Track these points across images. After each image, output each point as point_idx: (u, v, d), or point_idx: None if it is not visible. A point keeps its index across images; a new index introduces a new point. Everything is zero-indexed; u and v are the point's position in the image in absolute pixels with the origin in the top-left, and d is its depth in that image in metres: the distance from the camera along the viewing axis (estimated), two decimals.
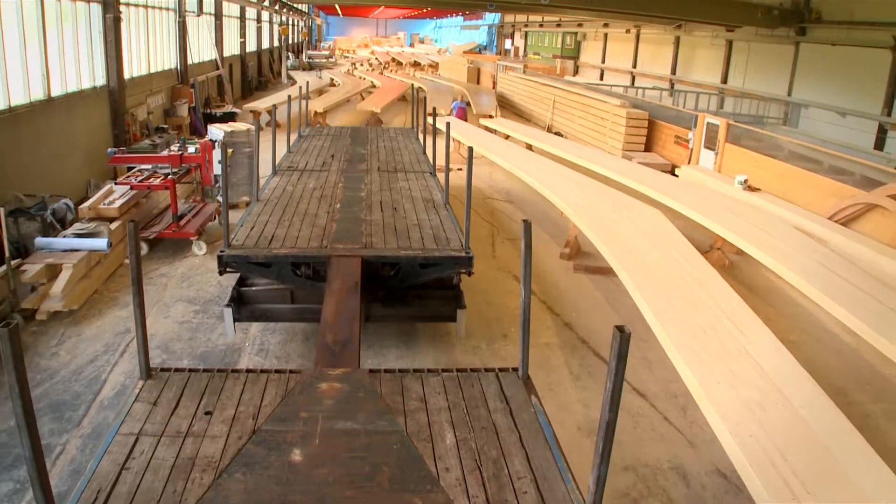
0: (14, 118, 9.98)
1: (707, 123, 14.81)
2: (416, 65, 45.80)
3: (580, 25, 36.28)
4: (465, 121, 19.55)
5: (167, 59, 19.24)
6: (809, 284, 7.53)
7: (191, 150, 10.59)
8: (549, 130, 21.45)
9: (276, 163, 10.03)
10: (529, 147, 16.45)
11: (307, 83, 21.69)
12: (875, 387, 7.16)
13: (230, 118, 19.68)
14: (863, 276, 7.85)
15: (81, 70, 12.81)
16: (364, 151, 11.38)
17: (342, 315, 5.30)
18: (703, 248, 9.92)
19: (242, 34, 30.80)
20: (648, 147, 17.59)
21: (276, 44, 40.99)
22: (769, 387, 5.20)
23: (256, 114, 20.58)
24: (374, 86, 30.40)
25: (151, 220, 10.36)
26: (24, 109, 10.38)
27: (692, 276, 7.37)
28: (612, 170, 12.81)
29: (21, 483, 5.11)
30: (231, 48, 28.32)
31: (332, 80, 31.95)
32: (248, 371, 4.40)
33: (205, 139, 12.14)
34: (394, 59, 49.97)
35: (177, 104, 18.99)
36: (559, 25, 39.13)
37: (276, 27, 40.86)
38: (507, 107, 26.70)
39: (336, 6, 64.88)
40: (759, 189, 12.33)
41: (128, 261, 9.37)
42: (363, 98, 26.59)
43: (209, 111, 21.00)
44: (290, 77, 34.51)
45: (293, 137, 12.04)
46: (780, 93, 21.20)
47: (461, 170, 7.32)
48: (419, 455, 3.53)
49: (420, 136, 12.64)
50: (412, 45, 72.31)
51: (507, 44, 52.27)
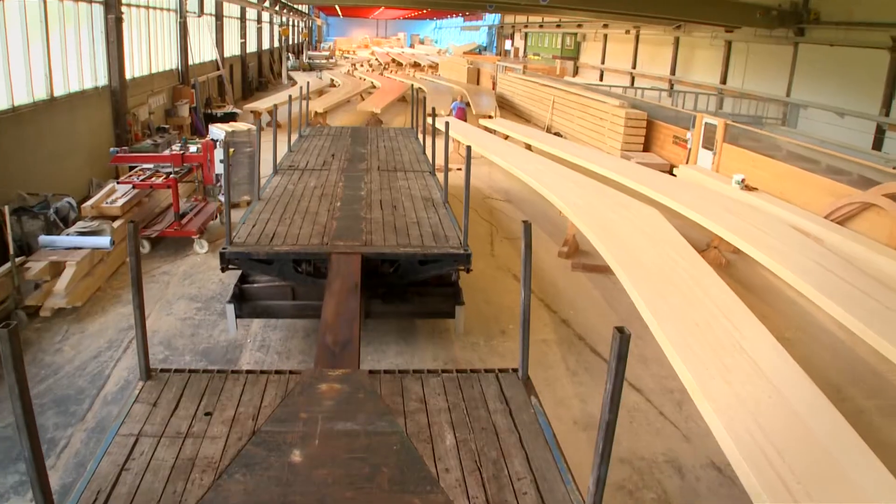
0: (17, 118, 10.07)
1: (705, 123, 14.89)
2: (416, 65, 45.87)
3: (580, 26, 36.34)
4: (465, 121, 19.64)
5: (168, 60, 19.34)
6: (805, 283, 7.61)
7: (192, 150, 10.68)
8: (549, 131, 21.52)
9: (277, 162, 10.11)
10: (528, 147, 16.53)
11: (307, 84, 21.80)
12: (869, 383, 7.23)
13: (231, 118, 19.76)
14: (858, 275, 7.92)
15: (84, 70, 12.90)
16: (364, 151, 11.47)
17: (342, 316, 5.32)
18: (701, 247, 9.99)
19: (243, 35, 30.89)
20: (647, 147, 17.65)
21: (277, 44, 41.10)
22: (763, 381, 5.28)
23: (257, 114, 20.67)
24: (374, 86, 30.49)
25: (153, 219, 10.46)
26: (28, 109, 10.47)
27: (688, 274, 7.45)
28: (611, 169, 12.88)
29: (26, 476, 5.19)
30: (232, 49, 28.42)
31: (333, 81, 32.05)
32: (248, 372, 4.40)
33: (206, 139, 12.22)
34: (394, 60, 50.03)
35: (178, 104, 19.06)
36: (559, 26, 39.19)
37: (277, 28, 40.96)
38: (507, 107, 26.75)
39: (336, 7, 65.00)
40: (757, 188, 12.40)
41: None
42: (363, 99, 26.67)
43: (210, 111, 21.08)
44: (291, 78, 34.61)
45: (294, 137, 12.12)
46: (779, 93, 21.24)
47: (460, 169, 7.41)
48: (419, 456, 3.53)
49: (420, 136, 12.72)
50: (412, 46, 72.36)
51: (507, 44, 52.31)
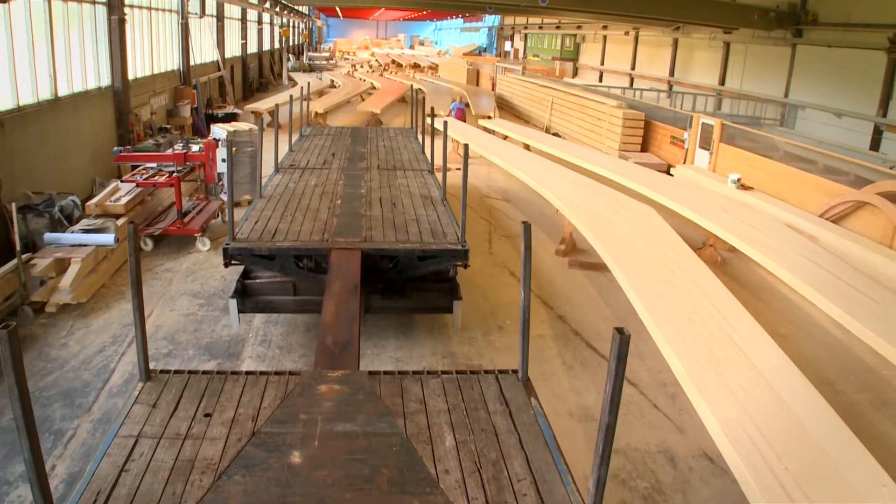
0: (22, 117, 10.21)
1: (702, 124, 15.02)
2: (416, 66, 46.03)
3: (579, 28, 36.47)
4: (464, 122, 19.78)
5: (170, 61, 19.49)
6: (799, 280, 7.74)
7: (195, 149, 10.81)
8: (548, 131, 21.66)
9: (279, 161, 10.25)
10: (527, 147, 16.67)
11: (308, 84, 21.96)
12: (861, 378, 7.35)
13: (232, 119, 19.88)
14: (851, 272, 8.06)
15: (87, 71, 13.04)
16: (364, 150, 11.60)
17: (342, 317, 5.32)
18: (697, 245, 10.12)
19: (244, 36, 31.05)
20: (645, 147, 17.78)
21: (277, 45, 41.27)
22: (753, 373, 5.42)
23: (258, 114, 20.81)
24: (374, 87, 30.64)
25: (156, 217, 10.59)
26: (32, 109, 10.61)
27: (683, 271, 7.59)
28: (609, 169, 13.03)
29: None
30: (232, 50, 28.58)
31: (333, 82, 32.20)
32: (248, 373, 4.41)
33: (208, 138, 12.36)
34: (394, 61, 50.20)
35: (179, 105, 19.21)
36: (558, 28, 39.32)
37: (277, 29, 41.13)
38: (506, 108, 26.88)
39: (336, 8, 65.18)
40: (752, 188, 12.54)
41: None
42: (363, 99, 26.82)
43: (211, 112, 21.21)
44: (291, 78, 34.78)
45: (294, 137, 12.26)
46: (777, 94, 21.34)
47: (459, 169, 7.54)
48: (419, 457, 3.52)
49: (419, 136, 12.85)
50: (412, 47, 72.54)
51: (507, 46, 52.46)
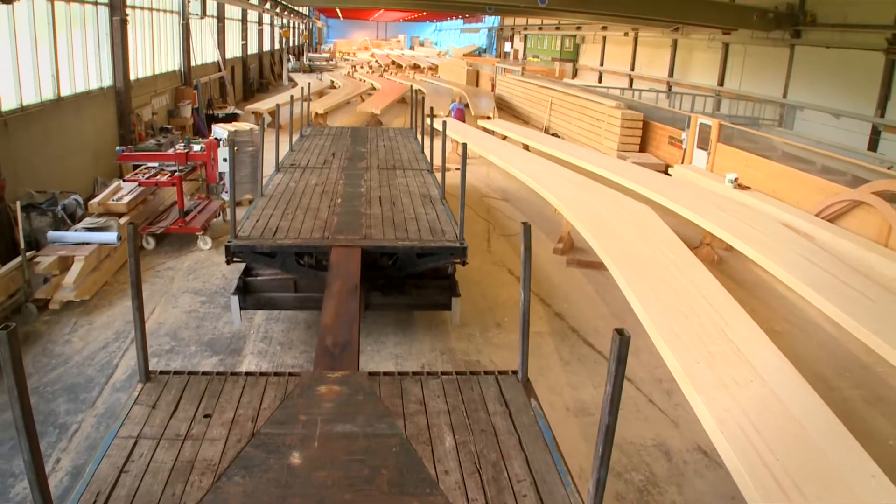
0: (26, 117, 10.31)
1: (700, 124, 15.13)
2: (416, 67, 46.17)
3: (579, 29, 36.58)
4: (464, 122, 19.88)
5: (171, 61, 19.61)
6: (794, 277, 7.84)
7: (196, 149, 10.91)
8: (547, 132, 21.76)
9: (279, 161, 10.34)
10: (526, 147, 16.77)
11: (308, 85, 22.06)
12: (855, 374, 7.44)
13: (232, 119, 19.99)
14: (847, 271, 8.15)
15: (89, 71, 13.15)
16: (364, 150, 11.70)
17: (342, 317, 5.31)
18: (694, 244, 10.22)
19: (244, 37, 31.16)
20: (643, 147, 17.90)
21: (277, 46, 41.39)
22: (746, 367, 5.52)
23: (258, 115, 20.90)
24: (374, 88, 30.75)
25: (158, 216, 10.69)
26: (36, 109, 10.72)
27: (678, 268, 7.69)
28: (607, 169, 13.13)
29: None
30: (233, 50, 28.69)
31: (333, 83, 32.32)
32: (248, 374, 4.41)
33: (209, 138, 12.46)
34: (394, 62, 50.35)
35: (180, 105, 19.32)
36: (558, 29, 39.43)
37: (277, 30, 41.26)
38: (506, 109, 26.99)
39: (336, 9, 65.34)
40: (749, 187, 12.65)
41: None
42: (363, 100, 26.92)
43: (212, 112, 21.32)
44: (291, 79, 34.89)
45: (295, 137, 12.36)
46: (776, 95, 21.43)
47: (458, 169, 7.65)
48: (418, 458, 3.52)
49: (419, 137, 12.95)
50: (412, 48, 72.71)
51: (507, 47, 52.59)
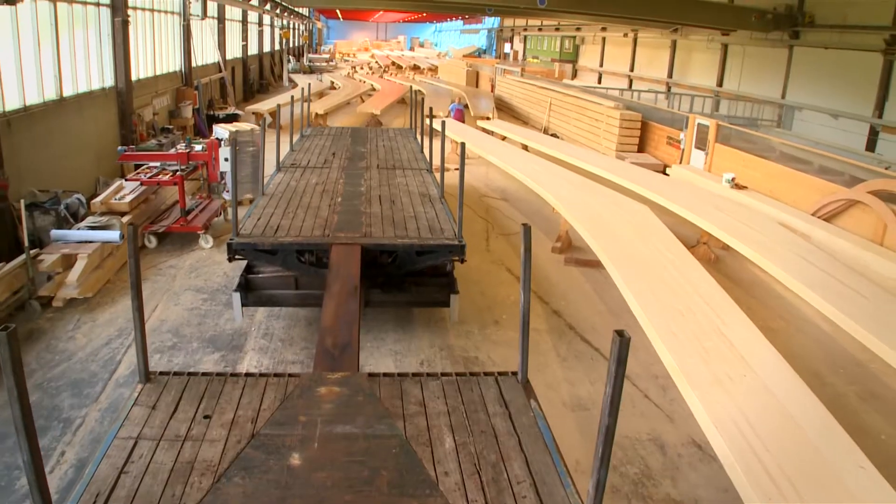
0: (29, 117, 10.41)
1: (697, 124, 15.23)
2: (416, 68, 46.26)
3: (578, 29, 36.67)
4: (463, 122, 19.98)
5: (172, 62, 19.72)
6: (790, 276, 7.92)
7: (198, 149, 11.01)
8: (546, 132, 21.86)
9: (280, 160, 10.43)
10: (525, 148, 16.86)
11: (308, 86, 22.16)
12: (849, 371, 7.53)
13: (233, 119, 20.09)
14: (842, 269, 8.25)
15: (91, 71, 13.25)
16: (364, 150, 11.79)
17: (342, 319, 5.31)
18: (691, 243, 10.31)
19: (244, 38, 31.26)
20: (642, 148, 18.00)
21: (278, 47, 41.49)
22: (739, 362, 5.61)
23: (258, 115, 21.00)
24: (374, 89, 30.85)
25: (160, 215, 10.78)
26: (38, 109, 10.81)
27: (675, 266, 7.78)
28: (605, 169, 13.23)
29: (44, 450, 5.50)
30: (233, 51, 28.79)
31: (333, 83, 32.43)
32: (247, 375, 4.41)
33: (211, 138, 12.55)
34: (393, 63, 50.47)
35: (181, 105, 19.42)
36: (558, 29, 39.53)
37: (278, 31, 41.37)
38: (505, 109, 27.08)
39: (336, 10, 65.47)
40: (746, 187, 12.74)
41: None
42: (363, 101, 27.02)
43: (212, 113, 21.42)
44: (291, 80, 35.01)
45: (295, 138, 12.45)
46: (775, 95, 21.53)
47: (458, 169, 7.75)
48: (418, 459, 3.53)
49: (418, 137, 13.04)
50: (412, 49, 72.85)
51: (507, 48, 52.72)
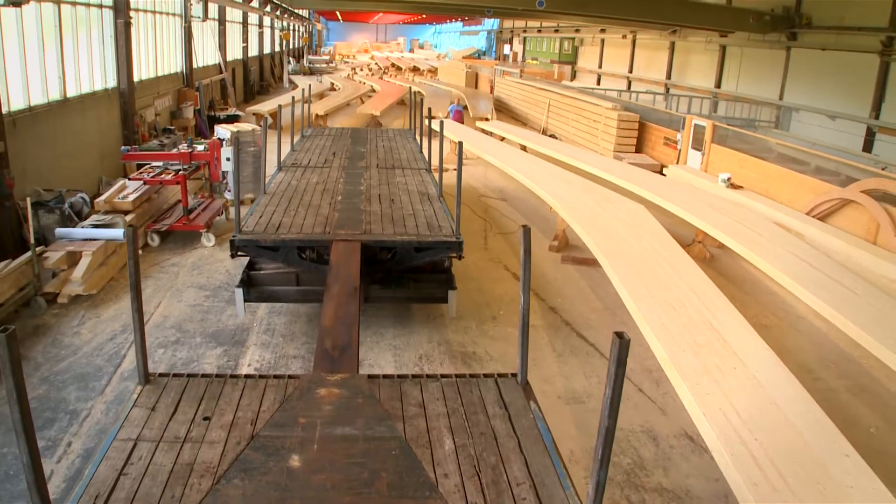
0: (34, 117, 10.55)
1: (694, 125, 15.37)
2: (416, 70, 46.44)
3: (577, 31, 36.84)
4: (462, 123, 20.13)
5: (173, 63, 19.88)
6: (783, 274, 8.06)
7: (200, 149, 11.15)
8: (544, 133, 22.00)
9: (281, 160, 10.57)
10: (524, 148, 17.00)
11: (308, 87, 22.31)
12: (841, 366, 7.67)
13: (233, 120, 20.25)
14: (835, 267, 8.39)
15: (94, 72, 13.39)
16: (364, 150, 11.94)
17: (341, 320, 5.29)
18: (687, 242, 10.45)
19: (245, 39, 31.41)
20: (639, 148, 18.13)
21: (278, 49, 41.65)
22: (729, 355, 5.75)
23: (259, 116, 21.15)
24: (374, 90, 31.02)
25: (162, 214, 10.93)
26: (43, 109, 10.95)
27: (669, 263, 7.92)
28: (603, 169, 13.37)
29: (52, 440, 5.66)
30: (234, 53, 28.94)
31: (333, 85, 32.61)
32: (247, 376, 4.41)
33: (212, 138, 12.69)
34: (393, 64, 50.66)
35: (182, 106, 19.57)
36: (557, 31, 39.71)
37: (278, 32, 41.53)
38: (504, 110, 27.24)
39: (336, 12, 65.65)
40: (742, 187, 12.88)
41: (141, 251, 9.95)
42: (363, 102, 27.18)
43: (213, 114, 21.56)
44: (291, 81, 35.20)
45: (296, 138, 12.59)
46: (773, 96, 21.68)
47: (455, 169, 7.90)
48: (418, 461, 3.52)
49: (417, 137, 13.18)
50: (412, 51, 73.08)
51: (506, 49, 52.90)
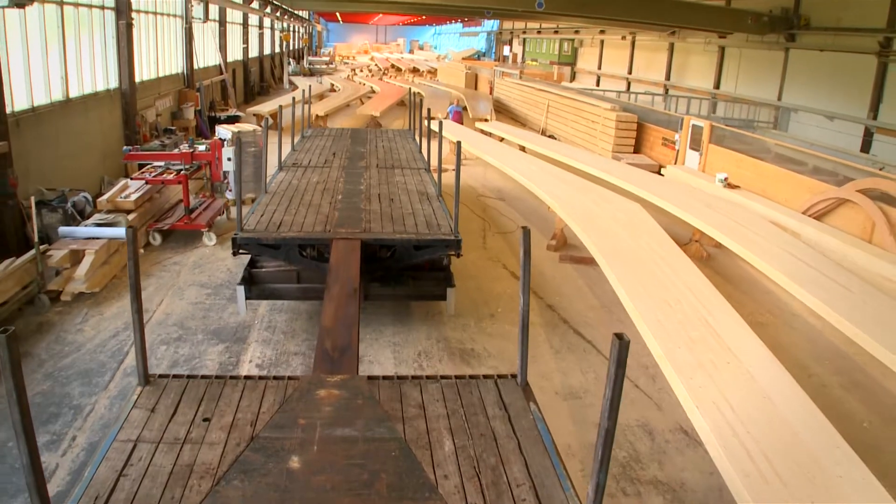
0: (37, 117, 10.65)
1: (692, 125, 15.47)
2: (415, 71, 46.55)
3: (577, 32, 36.95)
4: (461, 124, 20.23)
5: (174, 64, 19.99)
6: (779, 272, 8.16)
7: (201, 149, 11.25)
8: (543, 133, 22.09)
9: (282, 160, 10.67)
10: (522, 149, 17.10)
11: (309, 87, 22.41)
12: (835, 363, 7.76)
13: (234, 121, 20.35)
14: (831, 265, 8.49)
15: (96, 73, 13.49)
16: (363, 150, 12.04)
17: (341, 321, 5.28)
18: (684, 241, 10.55)
19: (245, 40, 31.52)
20: (637, 149, 18.22)
21: (278, 50, 41.76)
22: (723, 349, 5.85)
23: (259, 117, 21.25)
24: (374, 91, 31.13)
25: (164, 214, 11.03)
26: (46, 109, 11.05)
27: (665, 262, 8.01)
28: (601, 170, 13.46)
29: (57, 435, 5.75)
30: (234, 54, 29.06)
31: (333, 86, 32.72)
32: (247, 377, 4.42)
33: (214, 138, 12.79)
34: (393, 66, 50.76)
35: (183, 107, 19.67)
36: (556, 32, 39.82)
37: (278, 33, 41.63)
38: (504, 111, 27.35)
39: (336, 13, 65.77)
40: (739, 186, 12.98)
41: (143, 250, 10.05)
42: (363, 103, 27.28)
43: (214, 114, 21.67)
44: (292, 82, 35.32)
45: (296, 139, 12.69)
46: (771, 97, 21.79)
47: (454, 169, 8.00)
48: (418, 462, 3.52)
49: (416, 138, 13.28)
50: (411, 52, 73.20)
51: (506, 50, 53.03)
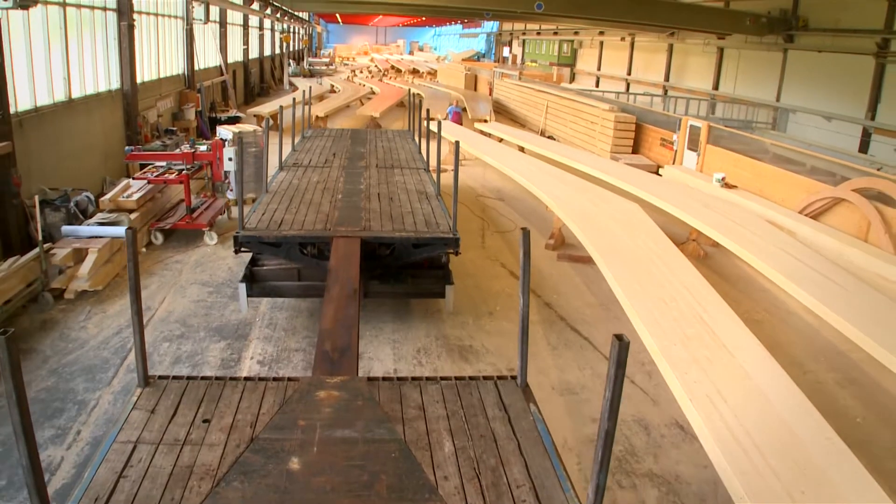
0: (40, 118, 10.74)
1: (690, 126, 15.56)
2: (415, 72, 46.67)
3: (576, 34, 37.08)
4: (461, 125, 20.33)
5: (175, 65, 20.08)
6: (775, 271, 8.25)
7: (202, 149, 11.35)
8: (543, 134, 22.19)
9: (283, 160, 10.77)
10: (521, 149, 17.20)
11: (309, 88, 22.51)
12: (830, 360, 7.84)
13: (234, 122, 20.46)
14: (827, 264, 8.59)
15: (98, 74, 13.58)
16: (363, 150, 12.13)
17: (341, 322, 5.29)
18: (681, 240, 10.64)
19: (245, 41, 31.63)
20: (636, 149, 18.31)
21: (278, 51, 41.87)
22: (717, 345, 5.95)
23: (260, 118, 21.35)
24: (374, 92, 31.25)
25: (166, 213, 11.12)
26: (48, 110, 11.14)
27: (662, 260, 8.11)
28: (600, 170, 13.57)
29: (62, 429, 5.84)
30: (235, 55, 29.16)
31: (333, 87, 32.84)
32: (247, 379, 4.43)
33: (215, 138, 12.88)
34: (393, 67, 50.87)
35: (184, 108, 19.76)
36: (556, 34, 39.95)
37: (278, 35, 41.73)
38: (503, 112, 27.44)
39: (336, 14, 65.91)
40: (736, 186, 13.07)
41: (144, 249, 10.14)
42: (362, 104, 27.39)
43: (214, 115, 21.78)
44: (292, 83, 35.44)
45: (297, 139, 12.79)
46: (770, 98, 21.89)
47: (453, 169, 8.09)
48: (418, 463, 3.53)
49: (416, 138, 13.37)
50: (411, 53, 73.35)
51: (506, 51, 53.16)
